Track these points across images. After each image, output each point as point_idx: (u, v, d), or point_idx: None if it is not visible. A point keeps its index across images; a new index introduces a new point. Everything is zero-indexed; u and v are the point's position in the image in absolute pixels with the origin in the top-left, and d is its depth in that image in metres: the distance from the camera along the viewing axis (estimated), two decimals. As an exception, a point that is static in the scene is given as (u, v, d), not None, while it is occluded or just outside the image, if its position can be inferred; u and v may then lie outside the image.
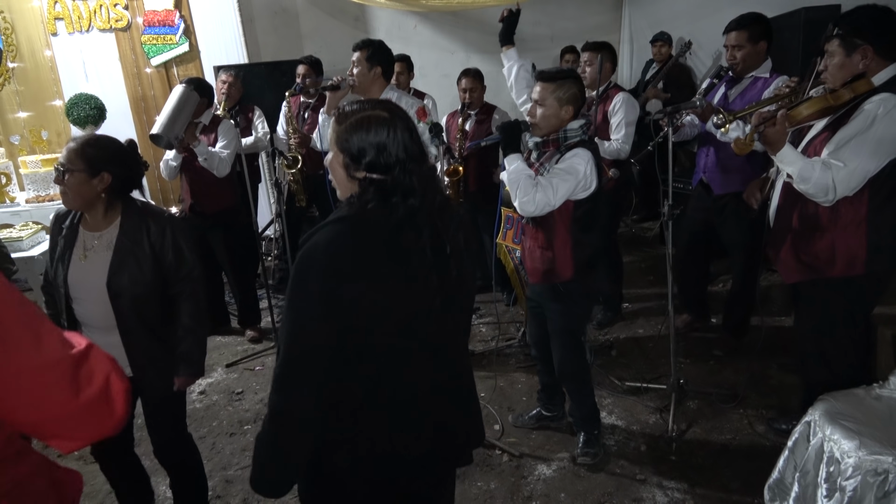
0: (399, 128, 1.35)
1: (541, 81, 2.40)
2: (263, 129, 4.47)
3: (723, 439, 2.79)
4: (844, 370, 2.36)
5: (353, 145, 1.34)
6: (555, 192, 2.29)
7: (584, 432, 2.73)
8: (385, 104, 1.42)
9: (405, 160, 1.33)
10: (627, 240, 5.60)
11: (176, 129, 3.34)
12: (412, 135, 1.37)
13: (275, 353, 3.87)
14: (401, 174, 1.33)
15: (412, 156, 1.35)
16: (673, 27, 5.58)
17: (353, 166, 1.35)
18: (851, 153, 2.10)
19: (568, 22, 6.38)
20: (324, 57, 4.73)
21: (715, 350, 3.54)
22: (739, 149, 2.32)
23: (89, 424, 1.02)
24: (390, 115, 1.36)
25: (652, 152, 3.08)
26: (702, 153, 3.39)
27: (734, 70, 3.13)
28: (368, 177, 1.33)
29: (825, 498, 1.90)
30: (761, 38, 3.03)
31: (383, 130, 1.33)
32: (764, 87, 3.03)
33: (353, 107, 1.40)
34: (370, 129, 1.33)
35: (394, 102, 1.45)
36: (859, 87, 2.13)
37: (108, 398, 1.02)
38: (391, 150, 1.33)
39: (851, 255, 2.23)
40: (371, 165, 1.33)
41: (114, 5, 5.17)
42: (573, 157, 2.33)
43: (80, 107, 4.80)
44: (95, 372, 1.02)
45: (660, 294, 4.29)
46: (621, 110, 3.49)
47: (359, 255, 1.28)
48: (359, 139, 1.33)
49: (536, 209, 2.31)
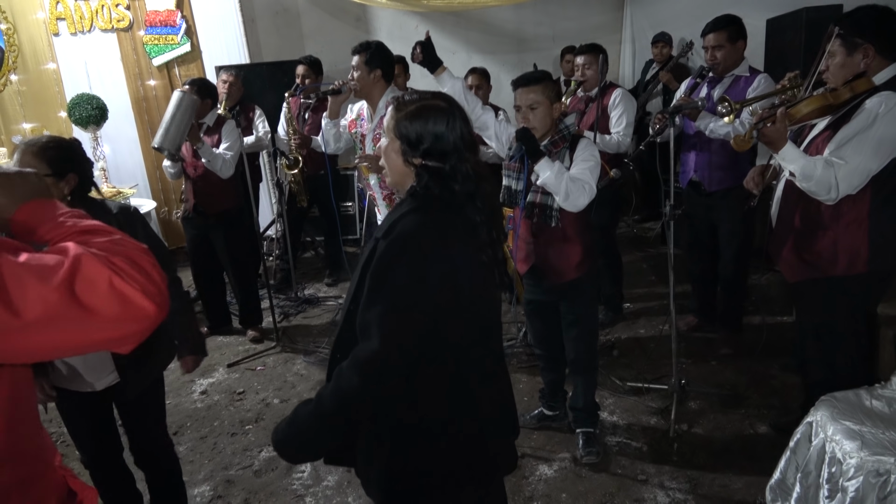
0: (457, 118, 1.42)
1: (524, 87, 2.41)
2: (264, 129, 4.47)
3: (724, 440, 2.79)
4: (846, 370, 2.35)
5: (412, 133, 1.40)
6: (593, 183, 2.37)
7: (584, 430, 2.74)
8: (442, 96, 1.49)
9: (461, 149, 1.41)
10: (629, 240, 5.59)
11: (177, 138, 3.31)
12: (468, 125, 1.45)
13: (276, 353, 3.89)
14: (457, 162, 1.40)
15: (468, 145, 1.42)
16: (674, 27, 5.58)
17: (411, 153, 1.41)
18: (853, 151, 2.10)
19: (569, 22, 6.38)
20: (325, 57, 4.74)
21: (709, 349, 3.53)
22: (739, 146, 2.33)
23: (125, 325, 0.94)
24: (449, 106, 1.44)
25: (644, 151, 3.12)
26: (691, 152, 3.41)
27: (715, 70, 3.22)
28: (425, 164, 1.40)
29: (827, 499, 1.89)
30: (739, 38, 3.16)
31: (442, 120, 1.40)
32: (747, 85, 3.12)
33: (412, 96, 1.47)
34: (429, 118, 1.40)
35: (443, 92, 1.54)
36: (859, 85, 2.13)
37: (123, 298, 0.92)
38: (448, 138, 1.40)
39: (854, 253, 2.23)
40: (428, 152, 1.40)
41: (115, 5, 5.18)
42: (588, 146, 2.42)
43: (81, 107, 4.80)
44: (96, 281, 0.91)
45: (661, 294, 4.29)
46: (621, 104, 3.56)
47: (445, 239, 1.36)
48: (418, 127, 1.40)
49: (586, 203, 2.38)
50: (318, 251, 5.64)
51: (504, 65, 6.34)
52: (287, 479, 2.72)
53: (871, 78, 2.16)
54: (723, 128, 3.07)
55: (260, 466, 2.83)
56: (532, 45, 6.44)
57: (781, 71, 2.97)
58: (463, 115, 1.44)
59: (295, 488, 2.66)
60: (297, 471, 2.76)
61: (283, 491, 2.65)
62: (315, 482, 2.68)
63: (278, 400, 3.36)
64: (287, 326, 4.24)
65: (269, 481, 2.72)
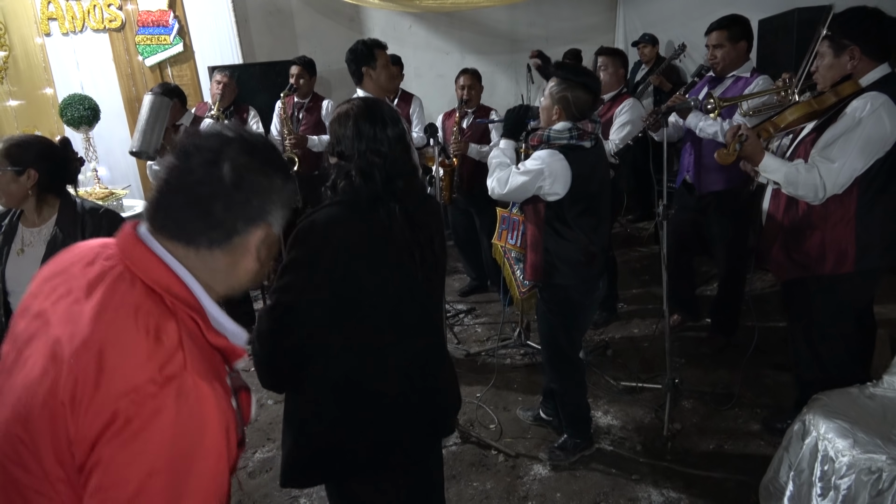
0: (363, 122, 1.54)
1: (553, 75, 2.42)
2: (258, 130, 4.46)
3: (718, 438, 2.80)
4: (837, 369, 2.37)
5: (332, 134, 1.60)
6: (505, 184, 2.37)
7: (567, 435, 2.73)
8: (367, 101, 1.64)
9: (364, 150, 1.53)
10: (622, 240, 5.60)
11: (154, 140, 3.29)
12: (385, 128, 1.56)
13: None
14: (363, 163, 1.52)
15: (374, 149, 1.54)
16: (667, 28, 5.60)
17: (330, 150, 1.61)
18: (838, 151, 2.11)
19: (563, 23, 6.39)
20: (318, 58, 4.73)
21: (703, 348, 3.55)
22: (722, 159, 2.31)
23: None
24: (357, 110, 1.57)
25: (633, 147, 3.13)
26: (685, 153, 3.41)
27: (715, 69, 3.20)
28: (337, 162, 1.58)
29: (820, 497, 1.90)
30: (741, 39, 3.11)
31: (346, 122, 1.56)
32: (745, 86, 3.09)
33: (343, 104, 1.63)
34: (339, 121, 1.58)
35: (371, 98, 1.65)
36: (844, 89, 2.15)
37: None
38: (349, 139, 1.55)
39: (841, 252, 2.24)
40: (340, 153, 1.57)
41: (107, 5, 5.14)
42: (535, 156, 2.34)
43: (73, 107, 4.76)
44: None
45: (655, 294, 4.30)
46: (629, 113, 3.54)
47: (353, 230, 1.49)
48: (334, 129, 1.59)
49: (493, 192, 2.44)
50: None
51: (498, 65, 6.34)
52: (281, 481, 2.71)
53: (859, 80, 2.18)
54: (711, 126, 3.06)
55: (254, 468, 2.82)
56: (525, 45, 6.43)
57: (773, 72, 2.98)
58: (379, 117, 1.55)
59: (289, 489, 2.66)
60: (291, 472, 2.75)
61: (277, 492, 2.64)
62: (309, 483, 2.68)
63: (272, 401, 3.35)
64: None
65: (263, 482, 2.71)
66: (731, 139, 2.26)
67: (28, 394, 0.88)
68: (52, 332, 0.91)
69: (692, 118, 3.15)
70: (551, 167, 2.27)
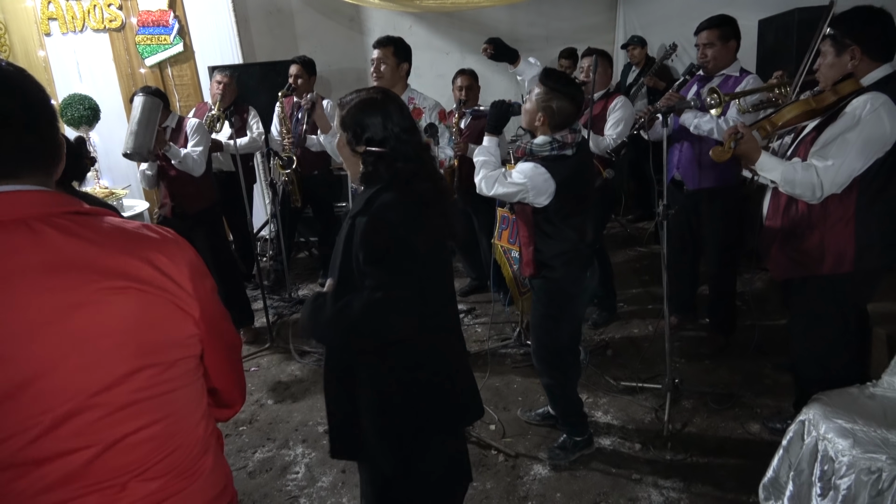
0: (391, 106, 1.59)
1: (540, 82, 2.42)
2: (259, 130, 4.46)
3: (718, 438, 2.80)
4: (837, 368, 2.37)
5: (355, 125, 1.59)
6: (491, 187, 2.41)
7: (566, 434, 2.73)
8: (377, 89, 1.66)
9: (399, 133, 1.58)
10: (622, 239, 5.61)
11: (146, 142, 3.30)
12: (403, 111, 1.62)
13: (270, 353, 3.88)
14: (397, 144, 1.57)
15: (405, 128, 1.60)
16: (666, 28, 5.60)
17: (356, 143, 1.60)
18: (837, 150, 2.11)
19: (563, 22, 6.39)
20: (318, 57, 4.73)
21: (703, 348, 3.55)
22: (717, 157, 2.31)
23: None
24: (383, 97, 1.62)
25: (628, 144, 3.14)
26: (674, 150, 3.41)
27: (705, 68, 3.23)
28: (368, 150, 1.57)
29: (819, 496, 1.90)
30: (731, 38, 3.17)
31: (378, 110, 1.58)
32: (735, 84, 3.13)
33: (350, 95, 1.65)
34: (367, 109, 1.59)
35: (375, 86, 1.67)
36: (843, 88, 2.14)
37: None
38: (385, 125, 1.57)
39: (840, 252, 2.24)
40: (370, 140, 1.58)
41: (108, 5, 5.15)
42: (519, 169, 2.36)
43: (74, 107, 4.76)
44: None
45: (655, 294, 4.30)
46: (621, 110, 3.60)
47: (410, 211, 1.53)
48: (359, 119, 1.59)
49: (480, 190, 2.48)
50: (312, 252, 5.63)
51: (498, 65, 6.30)
52: (281, 481, 2.71)
53: (860, 79, 2.17)
54: (707, 123, 3.08)
55: (254, 468, 2.82)
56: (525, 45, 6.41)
57: (773, 71, 2.99)
58: (398, 103, 1.62)
59: (289, 489, 2.66)
60: (290, 472, 2.76)
61: (276, 492, 2.64)
62: (309, 483, 2.68)
63: (272, 401, 3.35)
64: (281, 327, 4.24)
65: (262, 482, 2.71)
66: (727, 137, 2.26)
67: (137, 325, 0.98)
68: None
69: (687, 116, 3.16)
70: (534, 181, 2.31)
